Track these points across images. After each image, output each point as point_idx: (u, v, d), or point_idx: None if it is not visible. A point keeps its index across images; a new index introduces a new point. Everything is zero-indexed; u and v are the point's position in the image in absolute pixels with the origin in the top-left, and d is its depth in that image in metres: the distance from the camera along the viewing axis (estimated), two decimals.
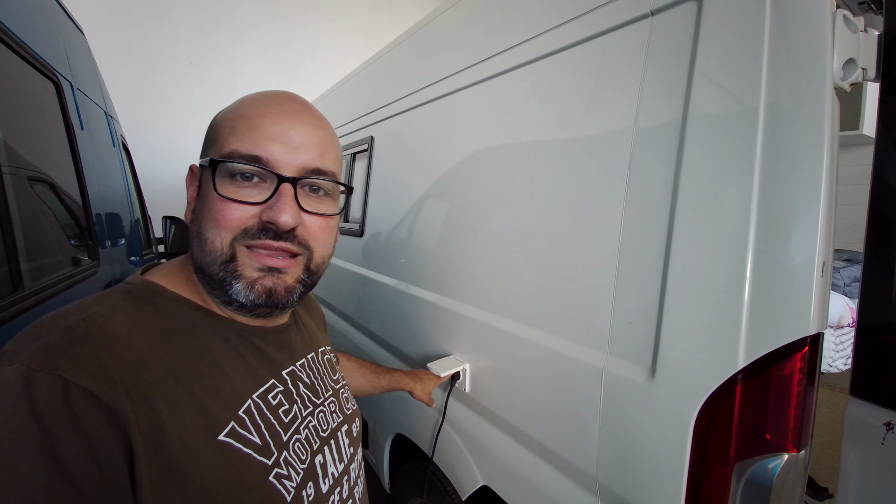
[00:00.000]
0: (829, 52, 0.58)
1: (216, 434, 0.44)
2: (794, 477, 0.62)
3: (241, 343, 0.53)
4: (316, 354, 0.67)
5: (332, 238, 0.57)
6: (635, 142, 0.79)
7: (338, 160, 0.57)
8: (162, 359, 0.43)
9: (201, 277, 0.51)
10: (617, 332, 0.80)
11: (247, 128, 0.48)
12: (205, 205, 0.49)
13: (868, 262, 0.63)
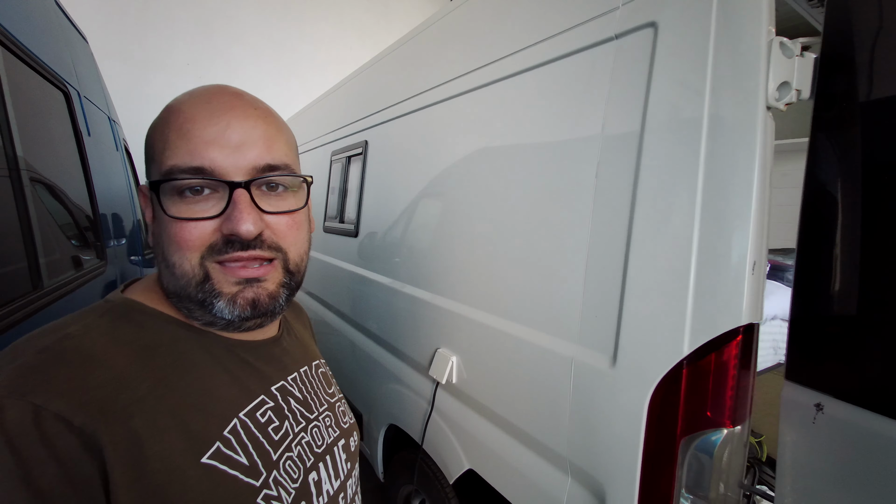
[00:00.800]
0: (762, 76, 0.67)
1: (200, 455, 0.42)
2: (732, 448, 0.71)
3: (227, 358, 0.50)
4: (309, 368, 0.64)
5: (303, 233, 0.54)
6: (602, 151, 0.87)
7: (290, 150, 0.52)
8: (142, 377, 0.41)
9: (177, 301, 0.48)
10: (585, 325, 0.88)
11: (179, 137, 0.44)
12: (161, 228, 0.46)
13: (800, 259, 0.71)
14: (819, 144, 0.70)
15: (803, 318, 0.71)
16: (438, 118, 1.42)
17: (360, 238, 1.97)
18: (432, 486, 1.39)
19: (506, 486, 1.09)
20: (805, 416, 0.70)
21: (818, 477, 0.69)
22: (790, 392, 0.72)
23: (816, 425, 0.68)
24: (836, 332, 0.67)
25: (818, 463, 0.69)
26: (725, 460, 0.71)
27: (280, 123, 0.52)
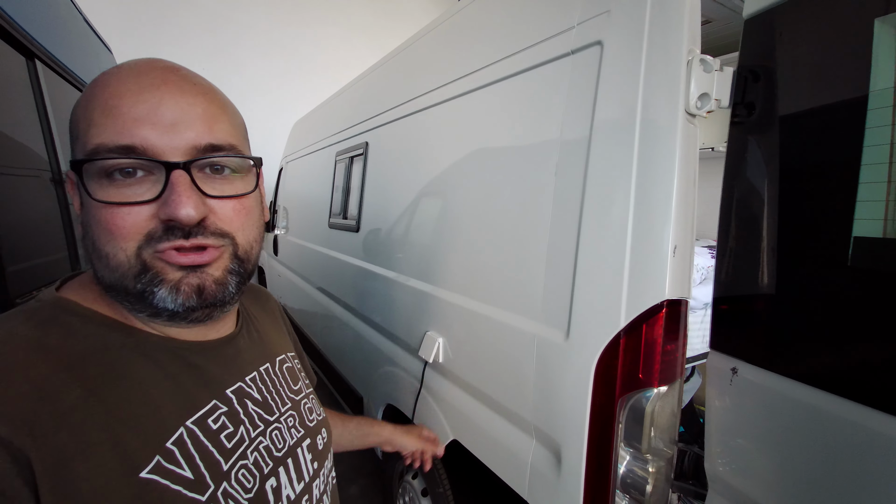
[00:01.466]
0: (683, 87, 0.78)
1: (137, 471, 0.39)
2: (660, 405, 0.83)
3: (172, 363, 0.46)
4: (271, 365, 0.60)
5: (253, 219, 0.49)
6: (560, 154, 0.99)
7: (235, 129, 0.48)
8: (68, 388, 0.38)
9: (115, 295, 0.44)
10: (545, 305, 1.00)
11: (105, 115, 0.40)
12: (89, 215, 0.42)
13: (719, 248, 0.83)
14: (735, 147, 0.81)
15: (722, 297, 0.83)
16: (426, 123, 1.55)
17: (360, 233, 2.11)
18: None
19: (483, 452, 1.21)
20: (724, 378, 0.82)
21: (736, 430, 0.81)
22: (713, 359, 0.84)
23: (733, 386, 0.80)
24: (748, 308, 0.79)
25: (735, 418, 0.81)
26: (655, 415, 0.83)
27: (223, 101, 0.48)
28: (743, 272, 0.79)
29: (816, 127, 0.69)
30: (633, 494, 0.87)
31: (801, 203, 0.70)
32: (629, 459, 0.87)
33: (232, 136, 0.47)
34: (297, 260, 3.28)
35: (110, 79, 0.42)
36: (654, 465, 0.86)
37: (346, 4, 6.38)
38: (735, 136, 0.81)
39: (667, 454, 0.87)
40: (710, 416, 0.86)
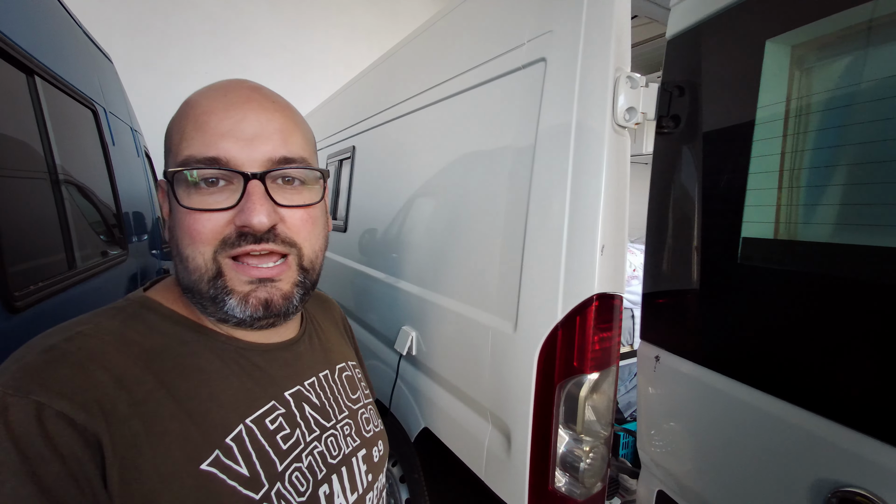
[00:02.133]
0: (609, 101, 0.86)
1: (199, 463, 0.41)
2: (593, 389, 0.91)
3: (237, 361, 0.49)
4: (331, 371, 0.61)
5: (319, 229, 0.53)
6: (513, 159, 1.08)
7: (306, 144, 0.52)
8: (143, 379, 0.41)
9: (191, 297, 0.48)
10: (499, 300, 1.09)
11: (196, 129, 0.44)
12: (176, 220, 0.46)
13: (647, 247, 0.91)
14: (659, 155, 0.89)
15: (648, 292, 0.91)
16: (404, 129, 1.64)
17: (348, 233, 2.21)
18: (400, 446, 1.62)
19: (449, 437, 1.30)
20: (649, 365, 0.90)
21: (660, 413, 0.89)
22: (642, 348, 0.92)
23: (657, 372, 0.89)
24: (666, 301, 0.87)
25: (658, 402, 0.90)
26: (588, 400, 0.91)
27: (297, 117, 0.52)
28: (663, 269, 0.87)
29: (718, 138, 0.77)
30: (571, 472, 0.95)
31: (707, 207, 0.78)
32: (567, 440, 0.95)
33: (304, 150, 0.50)
34: None
35: (201, 98, 0.47)
36: (590, 445, 0.94)
37: (349, 5, 6.49)
38: (659, 146, 0.89)
39: (602, 435, 0.95)
40: (640, 400, 0.94)
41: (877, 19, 0.57)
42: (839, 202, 0.62)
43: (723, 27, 0.76)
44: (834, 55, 0.64)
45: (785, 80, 0.68)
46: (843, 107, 0.62)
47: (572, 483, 0.95)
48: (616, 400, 0.97)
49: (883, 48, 0.57)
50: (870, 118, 0.58)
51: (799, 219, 0.66)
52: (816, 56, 0.66)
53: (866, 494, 0.54)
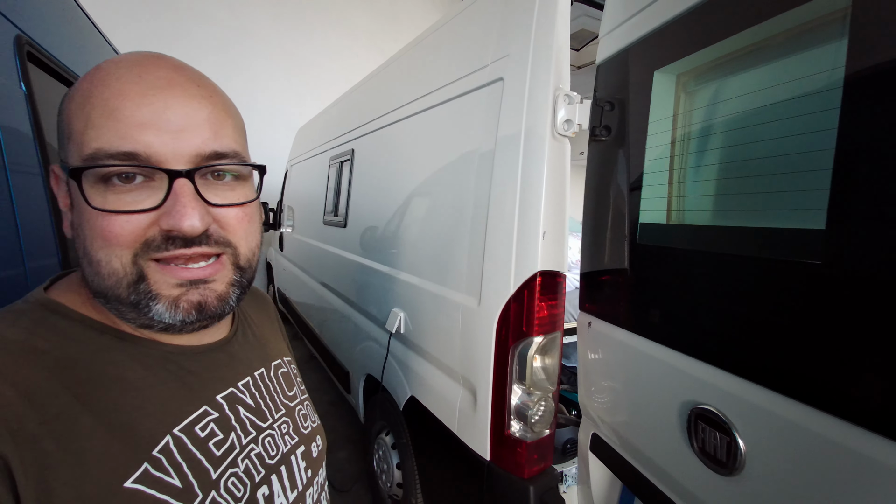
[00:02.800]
0: (550, 115, 1.06)
1: (123, 480, 0.38)
2: (539, 350, 1.11)
3: (164, 367, 0.45)
4: (266, 370, 0.58)
5: (255, 226, 0.48)
6: (478, 162, 1.28)
7: (238, 135, 0.46)
8: (55, 394, 0.37)
9: (104, 302, 0.42)
10: (467, 280, 1.29)
11: (105, 116, 0.38)
12: (83, 220, 0.40)
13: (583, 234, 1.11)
14: (593, 157, 1.09)
15: (584, 273, 1.11)
16: (393, 135, 1.85)
17: (347, 228, 2.42)
18: (390, 415, 1.82)
19: (430, 402, 1.50)
20: (584, 330, 1.10)
21: (592, 370, 1.09)
22: (580, 317, 1.12)
23: (589, 336, 1.08)
24: (594, 277, 1.07)
25: (591, 360, 1.09)
26: (535, 359, 1.11)
27: (227, 104, 0.46)
28: (593, 252, 1.07)
29: (625, 145, 0.96)
30: (523, 420, 1.15)
31: (622, 199, 0.98)
32: (520, 394, 1.15)
33: (235, 143, 0.45)
34: (299, 254, 3.61)
35: (108, 77, 0.39)
36: (537, 398, 1.14)
37: (348, 9, 6.72)
38: (592, 150, 1.09)
39: (550, 390, 1.15)
40: (579, 359, 1.14)
41: (735, 52, 0.76)
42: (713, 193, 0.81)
43: (629, 58, 0.96)
44: (707, 81, 0.84)
45: (671, 99, 0.87)
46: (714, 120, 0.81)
47: (524, 429, 1.15)
48: (561, 364, 1.17)
49: (743, 74, 0.76)
50: (736, 128, 0.77)
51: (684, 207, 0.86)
52: (695, 82, 0.86)
53: (712, 409, 0.73)
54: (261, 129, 5.92)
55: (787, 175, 0.62)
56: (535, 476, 1.16)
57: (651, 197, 0.89)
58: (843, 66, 0.53)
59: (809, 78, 0.59)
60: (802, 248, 0.58)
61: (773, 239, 0.64)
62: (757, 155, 0.68)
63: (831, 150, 0.54)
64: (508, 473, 1.17)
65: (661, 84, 0.88)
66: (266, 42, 5.97)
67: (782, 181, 0.63)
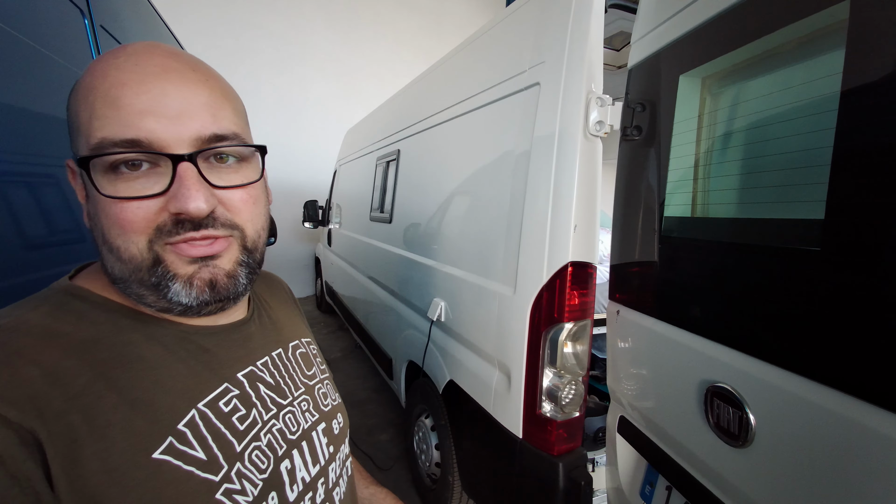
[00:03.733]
0: (583, 116, 1.14)
1: (149, 453, 0.39)
2: (570, 336, 1.19)
3: (182, 347, 0.47)
4: (284, 350, 0.61)
5: (261, 207, 0.50)
6: (515, 162, 1.38)
7: (237, 117, 0.48)
8: (79, 372, 0.39)
9: (124, 288, 0.44)
10: (504, 271, 1.39)
11: (107, 105, 0.39)
12: (97, 209, 0.42)
13: (613, 229, 1.18)
14: (623, 155, 1.16)
15: (615, 265, 1.18)
16: (438, 136, 1.98)
17: (393, 224, 2.57)
18: (430, 399, 1.95)
19: (468, 384, 1.61)
20: (613, 318, 1.17)
21: (620, 355, 1.16)
22: (609, 306, 1.20)
23: (618, 323, 1.16)
24: (624, 269, 1.14)
25: (619, 346, 1.16)
26: (565, 343, 1.20)
27: (225, 88, 0.48)
28: (621, 244, 1.14)
29: (654, 144, 1.03)
30: (553, 401, 1.23)
31: (650, 194, 1.05)
32: (551, 377, 1.24)
33: (235, 124, 0.46)
34: (346, 249, 3.82)
35: (108, 67, 0.41)
36: (567, 381, 1.22)
37: (395, 17, 6.95)
38: (623, 150, 1.16)
39: (579, 374, 1.23)
40: (608, 346, 1.22)
41: (750, 59, 0.82)
42: (732, 188, 0.87)
43: (659, 62, 1.03)
44: (729, 84, 0.89)
45: (697, 101, 0.94)
46: (734, 120, 0.87)
47: (555, 409, 1.24)
48: (591, 353, 1.25)
49: (758, 80, 0.82)
50: (752, 128, 0.83)
51: (707, 201, 0.92)
52: (718, 84, 0.92)
53: (727, 386, 0.80)
54: (312, 132, 6.27)
55: (794, 170, 0.68)
56: (564, 454, 1.24)
57: (676, 192, 0.95)
58: (841, 73, 0.59)
59: (813, 83, 0.65)
60: (804, 236, 0.65)
61: (781, 229, 0.70)
62: (767, 153, 0.74)
63: (829, 149, 0.60)
64: (539, 450, 1.26)
65: (687, 86, 0.94)
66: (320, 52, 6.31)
67: (789, 176, 0.69)
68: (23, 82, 0.81)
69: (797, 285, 0.65)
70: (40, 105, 0.85)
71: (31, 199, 0.89)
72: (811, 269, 0.63)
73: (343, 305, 3.98)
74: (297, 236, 6.45)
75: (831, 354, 0.62)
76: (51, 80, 0.87)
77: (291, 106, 6.07)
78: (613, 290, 1.18)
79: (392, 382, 2.63)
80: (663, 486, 1.03)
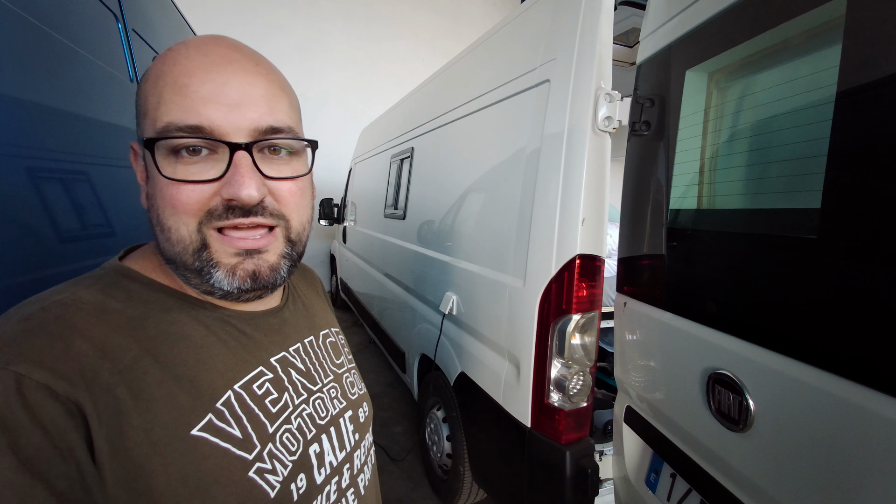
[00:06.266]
0: (591, 112, 1.17)
1: (189, 428, 0.41)
2: (577, 327, 1.22)
3: (222, 329, 0.49)
4: (315, 338, 0.62)
5: (306, 200, 0.52)
6: (526, 158, 1.41)
7: (293, 111, 0.50)
8: (127, 347, 0.41)
9: (174, 268, 0.47)
10: (514, 264, 1.42)
11: (174, 92, 0.42)
12: (156, 189, 0.44)
13: (621, 223, 1.20)
14: (631, 150, 1.18)
15: (622, 258, 1.20)
16: (450, 134, 2.01)
17: (406, 220, 2.62)
18: (441, 390, 1.99)
19: (478, 376, 1.65)
20: (620, 310, 1.19)
21: (627, 346, 1.19)
22: (617, 298, 1.22)
23: (625, 314, 1.18)
24: (630, 262, 1.16)
25: (626, 337, 1.19)
26: (573, 335, 1.22)
27: (283, 82, 0.49)
28: (628, 237, 1.16)
29: (662, 138, 1.05)
30: (561, 391, 1.26)
31: (657, 188, 1.07)
32: (559, 367, 1.27)
33: (290, 118, 0.48)
34: (361, 245, 3.89)
35: (178, 56, 0.43)
36: (575, 371, 1.25)
37: (413, 15, 7.01)
38: (631, 144, 1.18)
39: (587, 365, 1.26)
40: (616, 338, 1.24)
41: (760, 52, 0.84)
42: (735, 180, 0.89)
43: (666, 58, 1.05)
44: (735, 80, 0.91)
45: (704, 95, 0.96)
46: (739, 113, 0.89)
47: (563, 399, 1.27)
48: (599, 345, 1.27)
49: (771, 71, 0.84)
50: (761, 120, 0.85)
51: (713, 193, 0.94)
52: (726, 79, 0.93)
53: (727, 373, 0.82)
54: (330, 131, 6.36)
55: (793, 162, 0.70)
56: (571, 443, 1.27)
57: (682, 185, 0.97)
58: (837, 69, 0.61)
59: (813, 78, 0.67)
60: (803, 225, 0.66)
61: (781, 219, 0.72)
62: (768, 145, 0.76)
63: (826, 140, 0.62)
64: (547, 439, 1.29)
65: (694, 81, 0.96)
66: (338, 51, 6.41)
67: (788, 167, 0.71)
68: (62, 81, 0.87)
69: (795, 273, 0.67)
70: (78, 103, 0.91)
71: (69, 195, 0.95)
72: (809, 256, 0.65)
73: (357, 301, 4.05)
74: (314, 233, 6.55)
75: (827, 339, 0.64)
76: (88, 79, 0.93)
77: (310, 105, 6.18)
78: (621, 283, 1.20)
79: (405, 376, 2.68)
80: (668, 473, 1.05)
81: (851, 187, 0.59)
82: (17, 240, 0.76)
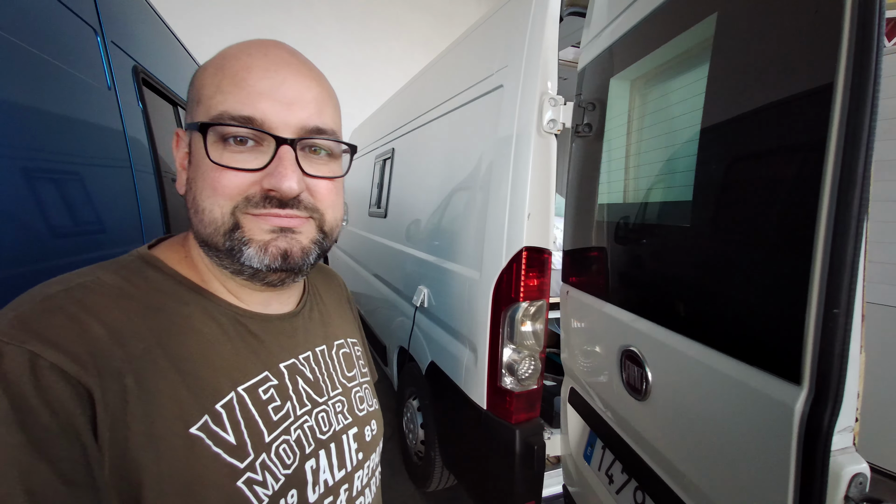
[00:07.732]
0: (536, 115, 1.27)
1: (188, 425, 0.41)
2: (527, 314, 1.31)
3: (234, 328, 0.49)
4: (328, 347, 0.61)
5: (340, 200, 0.53)
6: (484, 157, 1.50)
7: (337, 117, 0.52)
8: (140, 335, 0.41)
9: (207, 250, 0.47)
10: (474, 257, 1.52)
11: (233, 84, 0.44)
12: (198, 173, 0.45)
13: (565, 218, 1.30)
14: (574, 150, 1.28)
15: (566, 250, 1.30)
16: (424, 136, 2.11)
17: (387, 218, 2.72)
18: (416, 380, 2.09)
19: (444, 363, 1.75)
20: (564, 298, 1.29)
21: (571, 330, 1.28)
22: (561, 288, 1.32)
23: (567, 302, 1.28)
24: (570, 254, 1.26)
25: (568, 321, 1.28)
26: (523, 322, 1.32)
27: (330, 89, 0.52)
28: (570, 232, 1.26)
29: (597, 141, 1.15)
30: (512, 374, 1.36)
31: (588, 185, 1.17)
32: (510, 353, 1.36)
33: (334, 122, 0.50)
34: (351, 245, 3.99)
35: (240, 53, 0.46)
36: (524, 356, 1.34)
37: (407, 17, 7.12)
38: (575, 145, 1.28)
39: (536, 350, 1.36)
40: (562, 324, 1.34)
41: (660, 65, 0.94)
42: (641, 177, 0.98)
43: (598, 66, 1.14)
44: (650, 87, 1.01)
45: (626, 101, 1.05)
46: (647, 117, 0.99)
47: (514, 382, 1.36)
48: (547, 329, 1.37)
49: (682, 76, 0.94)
50: (662, 125, 0.95)
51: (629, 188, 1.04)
52: (644, 87, 1.03)
53: (633, 349, 0.92)
54: None
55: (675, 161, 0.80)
56: (521, 422, 1.37)
57: (607, 182, 1.07)
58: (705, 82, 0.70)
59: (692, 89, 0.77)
60: (681, 215, 0.76)
61: (669, 210, 0.82)
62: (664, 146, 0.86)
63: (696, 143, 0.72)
64: (500, 419, 1.38)
65: (617, 88, 1.06)
66: (332, 52, 6.51)
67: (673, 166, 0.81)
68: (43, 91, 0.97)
69: (673, 256, 0.77)
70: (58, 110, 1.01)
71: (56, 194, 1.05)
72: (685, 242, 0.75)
73: None
74: None
75: (697, 315, 0.74)
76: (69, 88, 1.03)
77: None
78: (565, 274, 1.30)
79: (387, 369, 2.78)
80: (600, 446, 1.15)
81: (713, 183, 0.69)
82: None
